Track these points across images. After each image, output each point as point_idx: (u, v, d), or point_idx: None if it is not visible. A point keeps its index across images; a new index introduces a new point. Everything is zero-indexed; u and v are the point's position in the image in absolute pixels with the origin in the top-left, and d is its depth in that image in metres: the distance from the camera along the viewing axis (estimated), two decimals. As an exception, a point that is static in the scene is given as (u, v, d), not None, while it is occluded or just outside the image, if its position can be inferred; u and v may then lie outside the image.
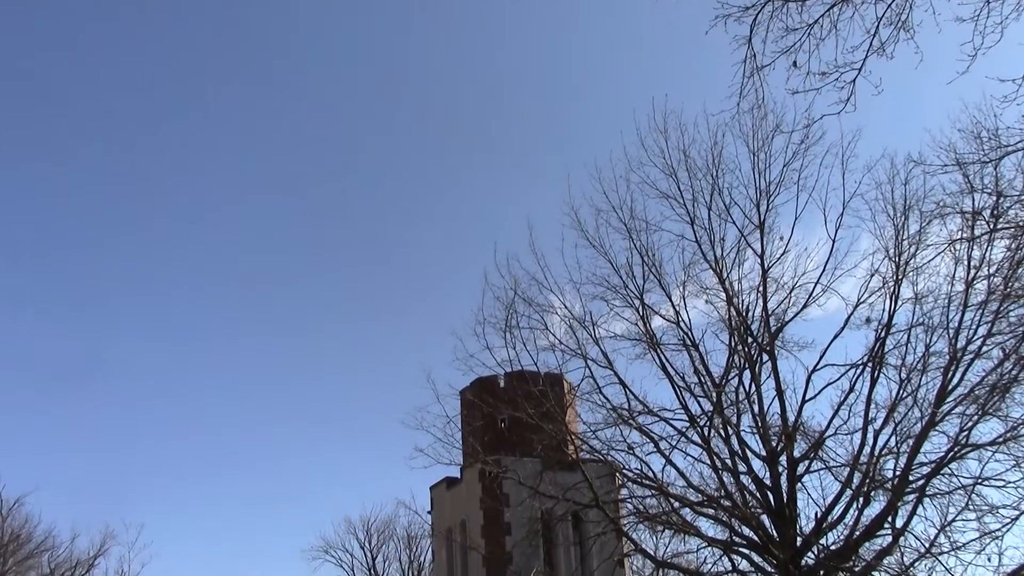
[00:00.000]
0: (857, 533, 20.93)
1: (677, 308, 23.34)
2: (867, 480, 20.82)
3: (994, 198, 18.85)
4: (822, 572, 21.09)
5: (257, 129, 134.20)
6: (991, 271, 19.90)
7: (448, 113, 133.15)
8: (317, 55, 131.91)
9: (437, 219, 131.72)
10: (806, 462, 21.99)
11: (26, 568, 49.58)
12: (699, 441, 22.64)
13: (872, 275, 21.72)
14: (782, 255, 22.60)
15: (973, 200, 19.13)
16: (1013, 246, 19.62)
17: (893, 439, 20.87)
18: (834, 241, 22.12)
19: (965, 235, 19.79)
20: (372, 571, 65.25)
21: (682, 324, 23.25)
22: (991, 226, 19.17)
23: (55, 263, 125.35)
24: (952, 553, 19.43)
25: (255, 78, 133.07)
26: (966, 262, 20.04)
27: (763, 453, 22.26)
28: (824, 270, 22.23)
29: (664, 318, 23.59)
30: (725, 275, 23.00)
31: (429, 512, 46.96)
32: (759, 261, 22.71)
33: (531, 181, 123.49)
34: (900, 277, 21.17)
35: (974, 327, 19.97)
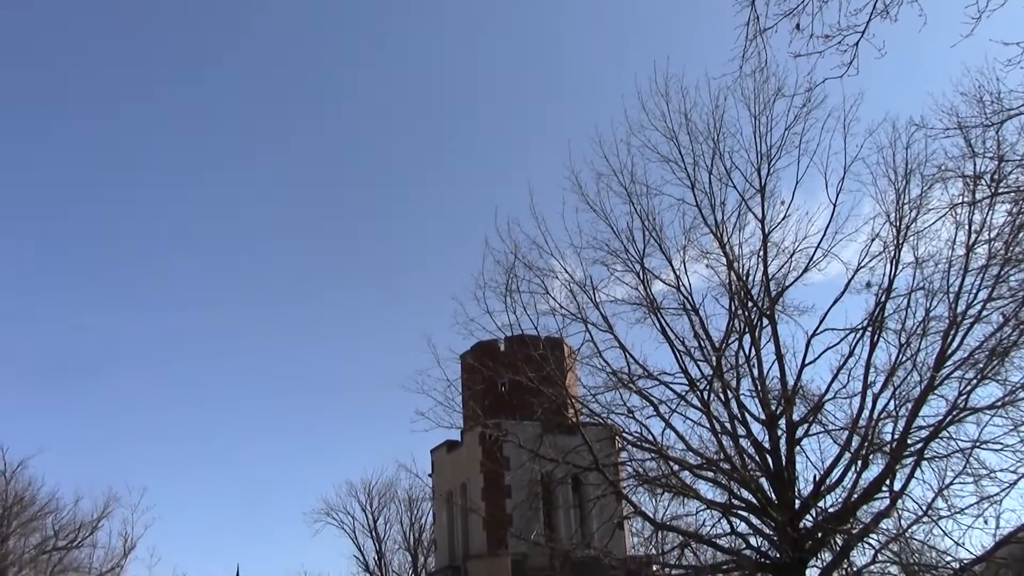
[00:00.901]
0: (855, 496, 21.07)
1: (677, 272, 23.38)
2: (865, 443, 20.92)
3: (996, 162, 18.80)
4: (820, 534, 21.25)
5: (253, 92, 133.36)
6: (992, 235, 19.88)
7: (449, 77, 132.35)
8: (314, 10, 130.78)
9: (438, 183, 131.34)
10: (805, 426, 22.10)
11: (30, 530, 49.94)
12: (699, 405, 22.74)
13: (873, 239, 21.72)
14: (783, 219, 22.60)
15: (975, 164, 19.09)
16: (1014, 210, 19.60)
17: (892, 403, 20.99)
18: (835, 205, 22.10)
19: (966, 199, 19.75)
20: (373, 533, 65.75)
21: (682, 288, 23.30)
22: (992, 190, 19.13)
23: (57, 225, 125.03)
24: (950, 516, 19.57)
25: (247, 30, 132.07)
26: (967, 226, 20.02)
27: (762, 417, 22.36)
28: (825, 234, 22.24)
29: (664, 282, 23.63)
30: (726, 239, 22.98)
31: (430, 475, 47.22)
32: (760, 225, 22.70)
33: (532, 145, 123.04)
34: (901, 241, 21.15)
35: (974, 291, 19.98)
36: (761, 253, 22.64)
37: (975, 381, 19.81)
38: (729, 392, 22.46)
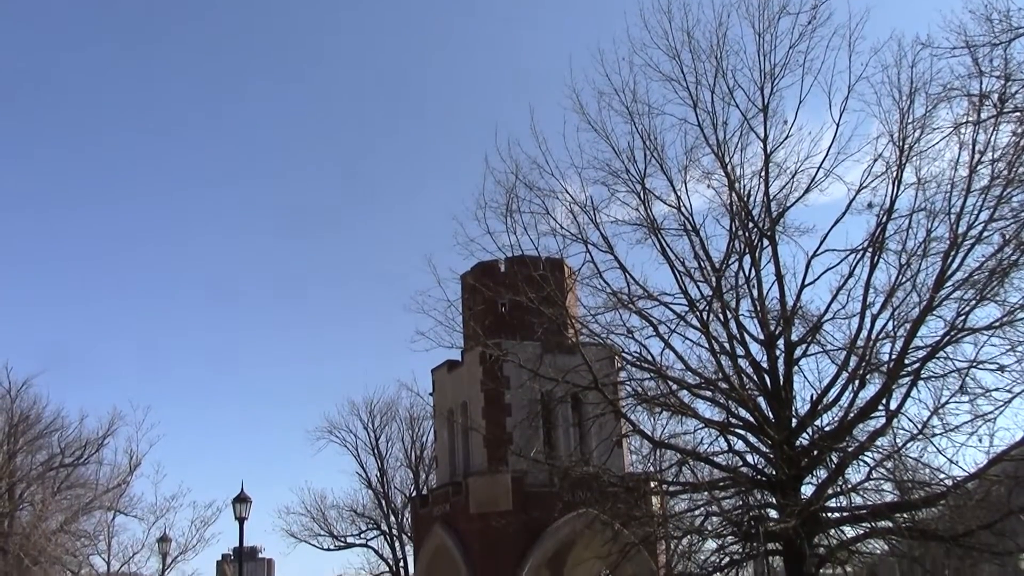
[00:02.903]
0: (851, 415, 21.32)
1: (678, 193, 23.29)
2: (863, 363, 21.08)
3: (1002, 81, 18.60)
4: (815, 452, 21.56)
5: (254, 21, 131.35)
6: (995, 156, 19.72)
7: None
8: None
9: (438, 100, 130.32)
10: (803, 346, 22.27)
11: (37, 448, 50.50)
12: (698, 325, 22.86)
13: (876, 160, 21.58)
14: (785, 139, 22.45)
15: (981, 83, 18.89)
16: (1019, 130, 19.43)
17: (890, 323, 21.07)
18: (838, 125, 21.91)
19: (971, 119, 19.57)
20: (375, 451, 66.58)
21: (683, 209, 23.24)
22: (998, 110, 18.95)
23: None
24: (944, 435, 19.80)
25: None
26: (971, 147, 19.84)
27: (761, 337, 22.51)
28: (827, 155, 22.10)
29: (665, 203, 23.55)
30: (727, 159, 22.85)
31: (431, 394, 47.68)
32: (762, 145, 22.55)
33: (533, 62, 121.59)
34: (904, 162, 21.00)
35: (976, 212, 19.90)
36: (763, 173, 22.54)
37: (974, 302, 19.86)
38: (728, 312, 22.57)
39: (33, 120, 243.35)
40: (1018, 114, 19.14)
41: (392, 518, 64.75)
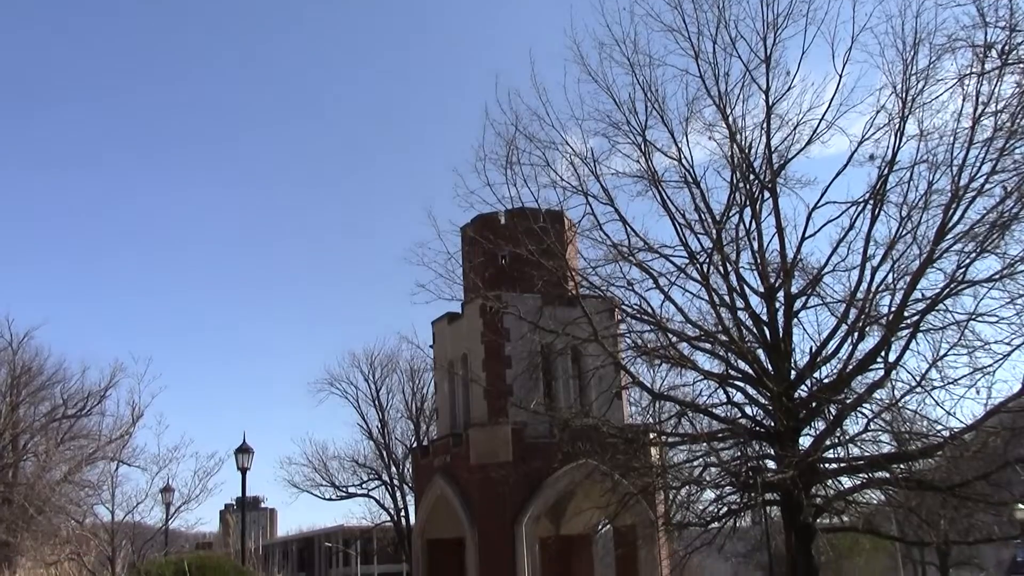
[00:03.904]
0: (850, 367, 21.41)
1: (679, 145, 23.16)
2: (862, 316, 21.13)
3: (1007, 32, 18.40)
4: (814, 404, 21.68)
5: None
6: (999, 108, 19.57)
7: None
8: None
9: (436, 49, 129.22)
10: (803, 298, 22.31)
11: (39, 399, 50.77)
12: (698, 277, 22.89)
13: (878, 111, 21.41)
14: (787, 91, 22.25)
15: (985, 34, 18.65)
16: (1023, 82, 19.26)
17: (890, 276, 21.09)
18: (841, 76, 21.69)
19: (975, 70, 19.38)
20: (376, 402, 67.02)
21: (684, 161, 23.13)
22: (1002, 61, 18.77)
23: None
24: (943, 387, 19.86)
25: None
26: (974, 98, 19.66)
27: (761, 289, 22.54)
28: (829, 106, 21.93)
29: (666, 155, 23.43)
30: (729, 111, 22.70)
31: (431, 346, 47.86)
32: (764, 97, 22.38)
33: (533, 12, 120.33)
34: (906, 113, 20.84)
35: (978, 164, 19.78)
36: (764, 125, 22.40)
37: (974, 254, 19.84)
38: (728, 265, 22.58)
39: (38, 59, 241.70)
40: (1022, 65, 18.97)
41: (393, 468, 65.39)
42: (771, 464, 21.94)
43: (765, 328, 22.49)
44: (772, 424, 21.85)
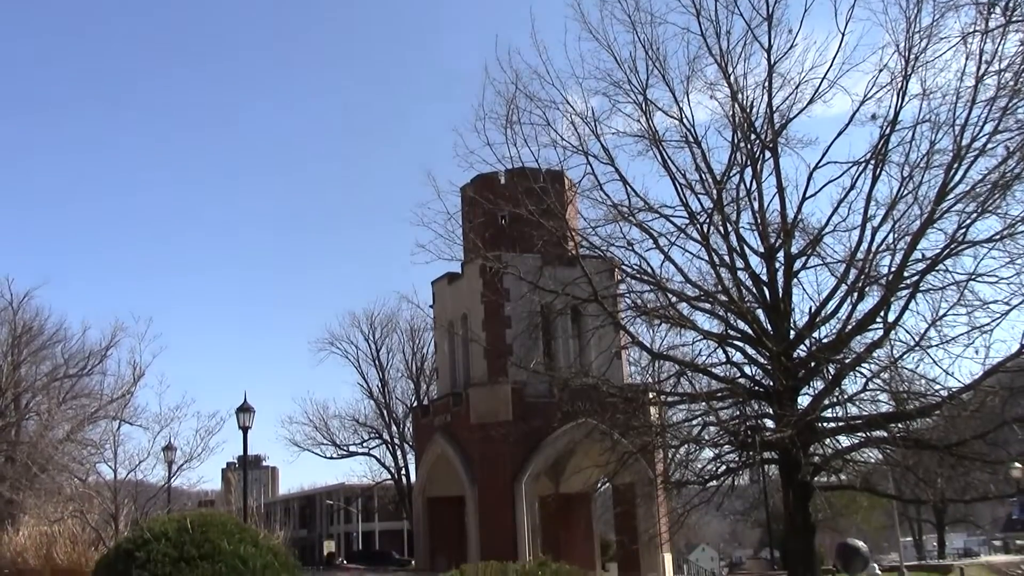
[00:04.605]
0: (849, 327, 21.45)
1: (680, 104, 23.01)
2: (862, 276, 21.13)
3: (1012, -11, 18.19)
4: (813, 364, 21.75)
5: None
6: (1002, 66, 19.42)
7: None
8: None
9: (437, 6, 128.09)
10: (803, 258, 22.29)
11: (40, 359, 50.99)
12: (698, 238, 22.86)
13: (881, 70, 21.25)
14: (790, 49, 22.06)
15: (989, -9, 18.44)
16: (1027, 40, 19.09)
17: (891, 236, 21.06)
18: (843, 34, 21.50)
19: (979, 28, 19.19)
20: (377, 362, 67.32)
21: (685, 121, 22.99)
22: (1007, 18, 18.59)
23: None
24: (941, 346, 19.93)
25: None
26: (977, 56, 19.51)
27: (761, 249, 22.52)
28: (832, 65, 21.75)
29: (667, 114, 23.30)
30: (730, 70, 22.53)
31: (431, 306, 48.00)
32: (766, 55, 22.19)
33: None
34: (909, 72, 20.67)
35: (980, 124, 19.67)
36: (766, 84, 22.24)
37: (975, 214, 19.79)
38: (729, 225, 22.53)
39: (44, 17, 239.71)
40: (1027, 23, 18.77)
41: (394, 427, 65.88)
42: (769, 423, 22.04)
43: (765, 288, 22.50)
44: (771, 383, 21.93)
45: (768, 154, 22.60)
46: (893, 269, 20.84)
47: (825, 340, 21.93)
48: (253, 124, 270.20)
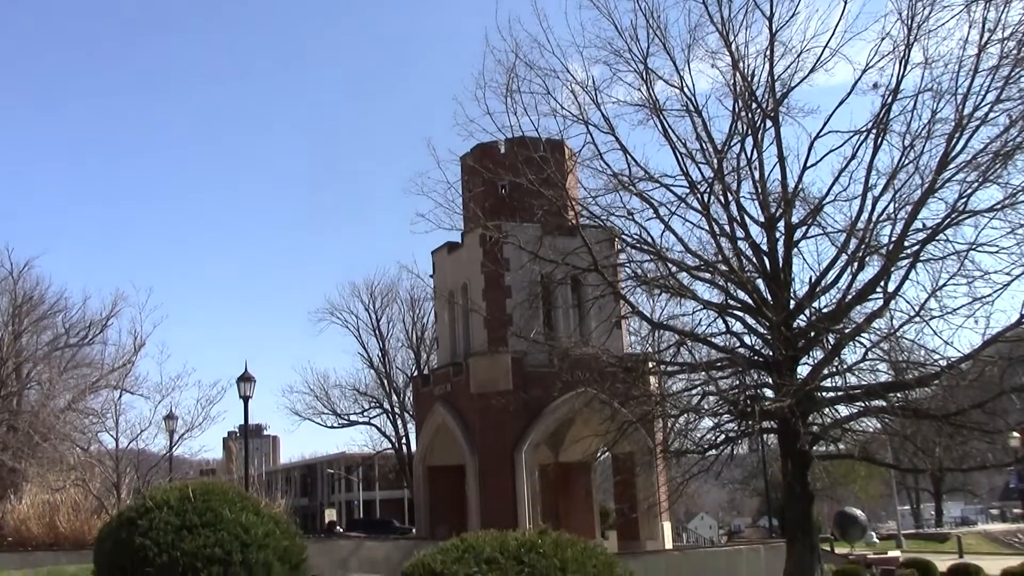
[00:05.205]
0: (849, 297, 21.45)
1: (681, 73, 22.87)
2: (863, 245, 21.10)
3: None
4: (812, 333, 21.78)
5: None
6: (1005, 35, 19.30)
7: None
8: None
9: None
10: (804, 228, 22.25)
11: (41, 328, 51.11)
12: (698, 207, 22.80)
13: (883, 38, 21.10)
14: (791, 17, 21.91)
15: (995, -42, 18.32)
16: (1031, 8, 18.97)
17: (892, 206, 20.97)
18: (846, 2, 21.35)
19: (983, -5, 19.07)
20: (377, 332, 67.42)
21: (686, 90, 22.86)
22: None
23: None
24: (941, 317, 19.92)
25: None
26: (980, 25, 19.40)
27: (761, 219, 22.48)
28: (834, 33, 21.57)
29: (668, 83, 23.16)
30: (732, 38, 22.37)
31: (431, 276, 48.00)
32: (767, 23, 22.02)
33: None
34: (912, 41, 20.53)
35: (983, 93, 19.57)
36: (767, 52, 22.08)
37: (976, 184, 19.74)
38: (729, 194, 22.47)
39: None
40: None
41: (394, 397, 66.08)
42: (769, 393, 22.10)
43: (765, 258, 22.48)
44: (770, 353, 21.97)
45: (769, 123, 22.49)
46: (893, 239, 20.80)
47: (825, 310, 21.93)
48: (254, 86, 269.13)
